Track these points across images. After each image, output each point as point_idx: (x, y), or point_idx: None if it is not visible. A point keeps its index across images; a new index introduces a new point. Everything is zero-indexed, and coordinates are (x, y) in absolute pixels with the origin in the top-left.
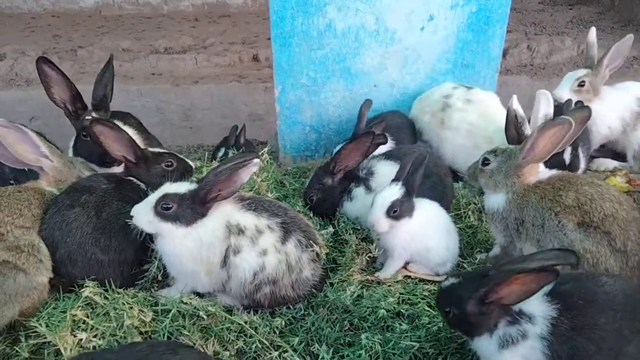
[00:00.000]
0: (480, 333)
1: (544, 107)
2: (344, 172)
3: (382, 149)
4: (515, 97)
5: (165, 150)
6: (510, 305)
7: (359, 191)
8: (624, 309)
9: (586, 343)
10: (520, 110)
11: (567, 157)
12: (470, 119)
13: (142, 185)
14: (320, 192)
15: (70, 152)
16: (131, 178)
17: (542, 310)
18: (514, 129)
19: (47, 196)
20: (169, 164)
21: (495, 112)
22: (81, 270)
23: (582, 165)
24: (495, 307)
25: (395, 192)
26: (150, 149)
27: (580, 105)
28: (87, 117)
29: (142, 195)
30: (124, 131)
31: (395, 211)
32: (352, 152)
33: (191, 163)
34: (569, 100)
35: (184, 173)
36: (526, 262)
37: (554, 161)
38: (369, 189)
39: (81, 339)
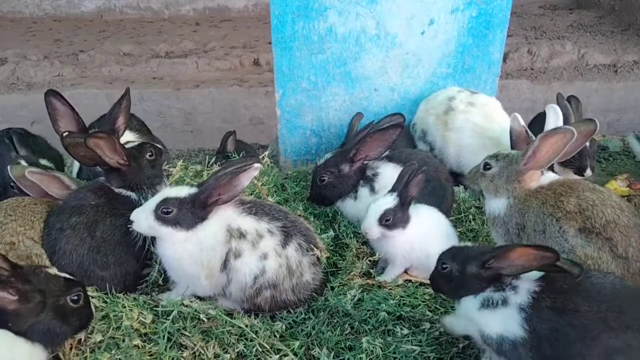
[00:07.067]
0: (467, 294)
1: (553, 121)
2: (362, 163)
3: None
4: (518, 115)
5: (137, 141)
6: (507, 275)
7: (364, 191)
8: (611, 302)
9: (567, 328)
10: (527, 128)
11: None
12: (474, 120)
13: (133, 196)
14: (333, 176)
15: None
16: (120, 190)
17: (527, 285)
18: (525, 145)
19: None
20: (151, 153)
21: (498, 115)
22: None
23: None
24: (492, 274)
25: (389, 201)
26: (128, 145)
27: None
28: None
29: (134, 207)
30: (113, 136)
31: (387, 220)
32: (376, 142)
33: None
34: (559, 95)
35: (160, 154)
36: None
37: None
38: (373, 190)
39: (80, 340)
